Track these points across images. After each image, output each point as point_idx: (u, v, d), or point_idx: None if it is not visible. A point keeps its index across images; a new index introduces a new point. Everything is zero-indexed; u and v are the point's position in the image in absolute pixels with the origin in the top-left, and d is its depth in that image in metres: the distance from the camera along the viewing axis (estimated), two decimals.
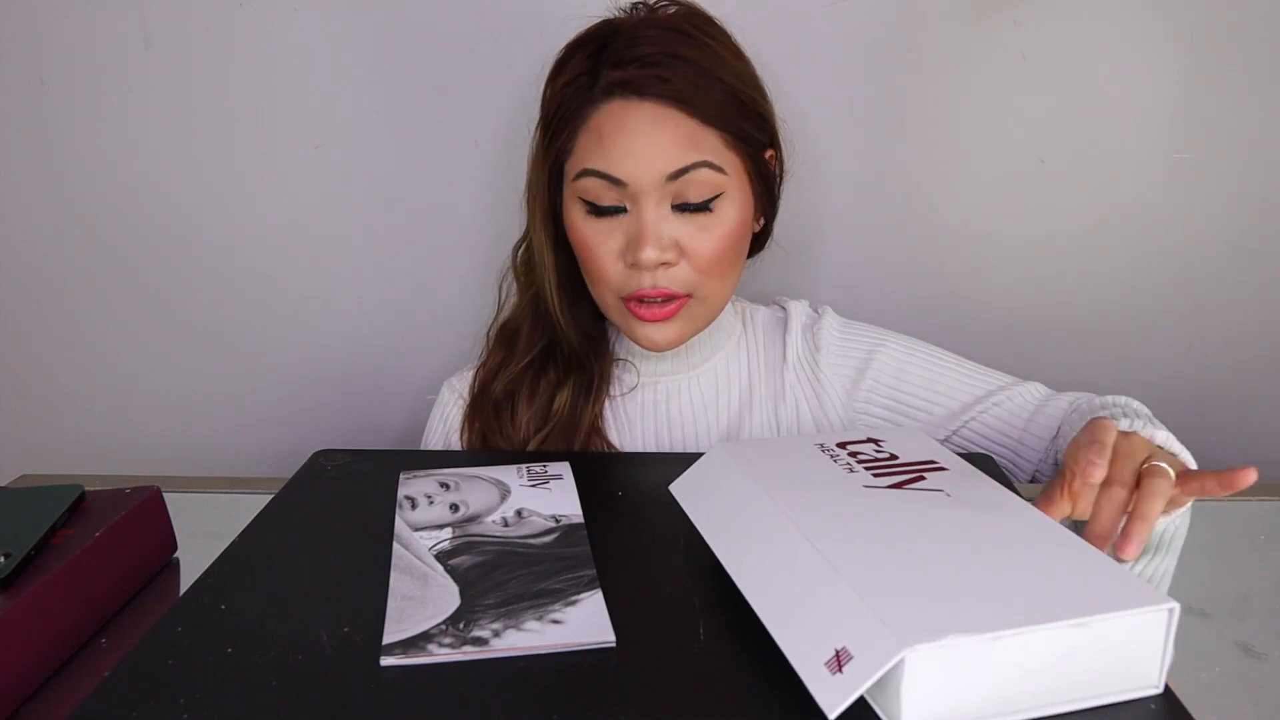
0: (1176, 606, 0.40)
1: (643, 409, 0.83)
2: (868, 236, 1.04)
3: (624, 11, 0.77)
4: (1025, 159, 1.00)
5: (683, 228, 0.73)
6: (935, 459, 0.56)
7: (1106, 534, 0.52)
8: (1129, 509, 0.53)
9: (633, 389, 0.83)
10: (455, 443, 0.85)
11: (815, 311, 0.88)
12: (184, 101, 1.00)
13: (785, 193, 0.85)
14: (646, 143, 0.71)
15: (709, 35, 0.74)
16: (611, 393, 0.83)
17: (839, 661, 0.40)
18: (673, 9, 0.77)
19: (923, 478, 0.54)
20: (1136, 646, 0.41)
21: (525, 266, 0.83)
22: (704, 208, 0.73)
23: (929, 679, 0.39)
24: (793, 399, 0.83)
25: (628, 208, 0.73)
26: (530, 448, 0.79)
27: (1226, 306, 1.04)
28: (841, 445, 0.59)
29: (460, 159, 1.02)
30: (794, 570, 0.46)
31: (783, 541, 0.48)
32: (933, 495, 0.51)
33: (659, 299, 0.74)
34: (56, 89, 1.00)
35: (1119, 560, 0.49)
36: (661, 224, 0.72)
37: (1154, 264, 1.03)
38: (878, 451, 0.58)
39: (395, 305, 1.08)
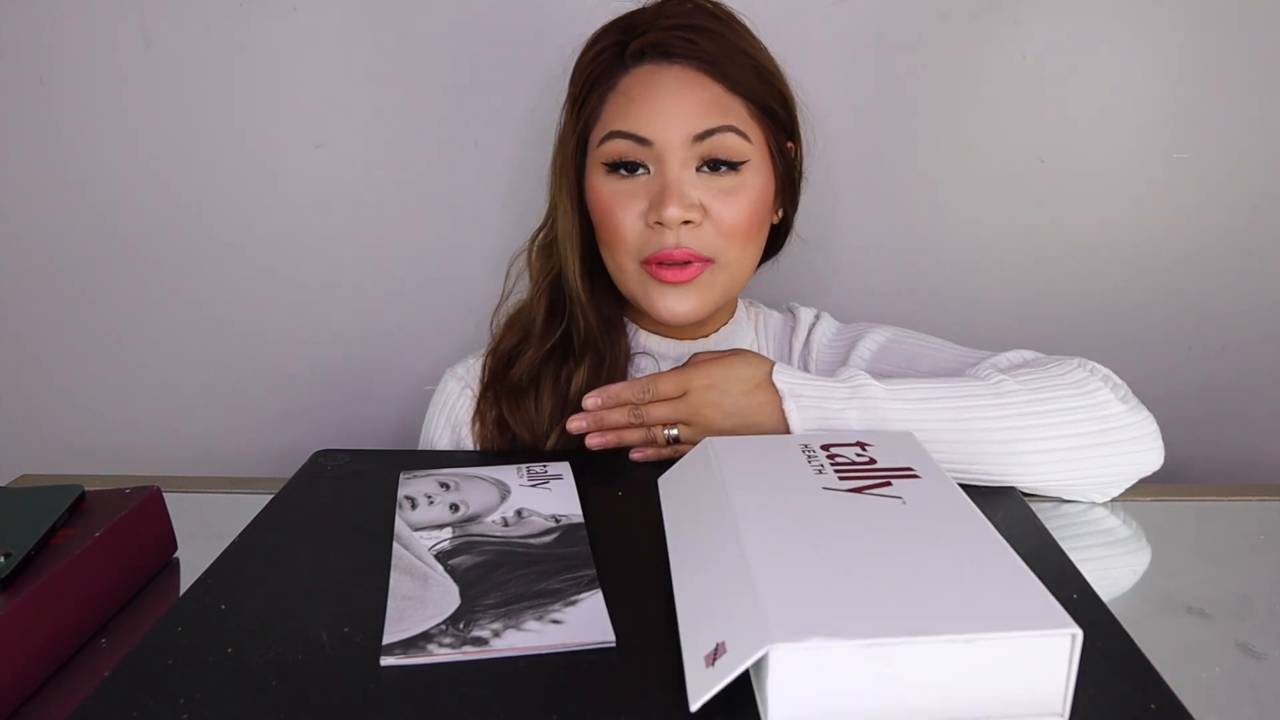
0: (1079, 633, 0.38)
1: None
2: (867, 235, 1.04)
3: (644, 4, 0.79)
4: (1025, 159, 1.00)
5: (707, 190, 0.73)
6: (913, 466, 0.55)
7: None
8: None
9: None
10: (465, 435, 0.83)
11: (817, 318, 0.88)
12: (184, 101, 1.00)
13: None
14: (674, 103, 0.72)
15: (734, 20, 0.77)
16: None
17: (715, 655, 0.40)
18: (702, 1, 0.78)
19: (889, 484, 0.53)
20: (1035, 670, 0.39)
21: (543, 252, 0.83)
22: (731, 168, 0.73)
23: (797, 680, 0.38)
24: None
25: (651, 169, 0.73)
26: (550, 441, 0.78)
27: (1226, 306, 1.04)
28: (825, 446, 0.59)
29: (460, 159, 1.02)
30: (717, 565, 0.46)
31: (719, 537, 0.48)
32: (888, 502, 0.51)
33: (681, 260, 0.73)
34: (56, 89, 1.00)
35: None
36: (686, 184, 0.72)
37: (1154, 264, 1.03)
38: (858, 455, 0.57)
39: (395, 305, 1.08)
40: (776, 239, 0.85)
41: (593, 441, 0.70)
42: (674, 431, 0.70)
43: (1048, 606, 0.40)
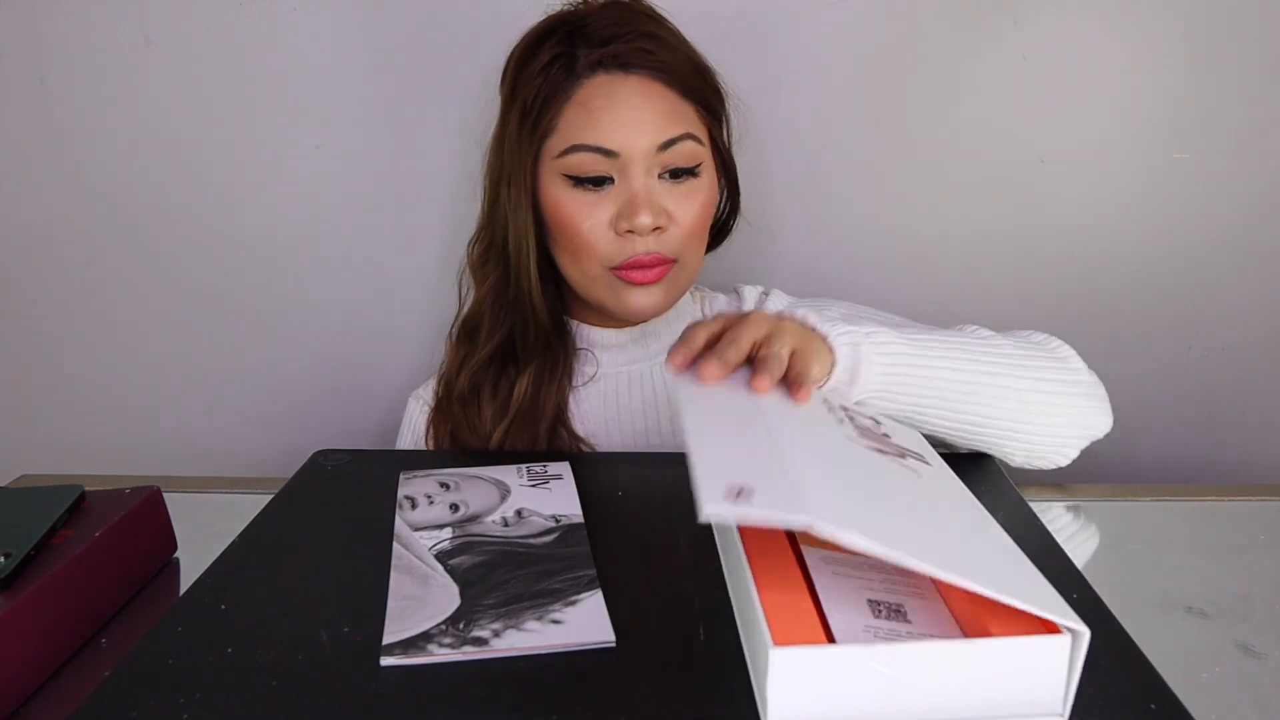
0: (1086, 633, 0.38)
1: (605, 400, 0.84)
2: (867, 237, 1.04)
3: (574, 6, 0.79)
4: (1025, 159, 1.00)
5: (669, 195, 0.75)
6: (922, 454, 0.55)
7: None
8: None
9: (592, 379, 0.84)
10: (423, 448, 0.85)
11: (765, 294, 0.88)
12: (183, 102, 1.00)
13: (786, 192, 0.85)
14: (637, 114, 0.73)
15: (664, 19, 0.78)
16: (574, 383, 0.83)
17: (738, 494, 0.39)
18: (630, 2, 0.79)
19: (903, 457, 0.53)
20: (1035, 670, 0.39)
21: (481, 260, 0.84)
22: (691, 173, 0.76)
23: (796, 681, 0.38)
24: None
25: (615, 179, 0.75)
26: (494, 440, 0.80)
27: (1226, 306, 1.04)
28: (843, 407, 0.58)
29: (460, 159, 1.01)
30: (742, 437, 0.46)
31: (747, 424, 0.47)
32: (904, 470, 0.50)
33: (650, 264, 0.75)
34: (56, 88, 1.00)
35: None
36: (653, 191, 0.74)
37: (1154, 264, 1.03)
38: (874, 424, 0.57)
39: (396, 305, 1.07)
40: (724, 225, 0.87)
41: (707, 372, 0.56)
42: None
43: (1051, 607, 0.40)
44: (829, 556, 0.48)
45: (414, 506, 0.61)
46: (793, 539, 0.49)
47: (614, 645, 0.46)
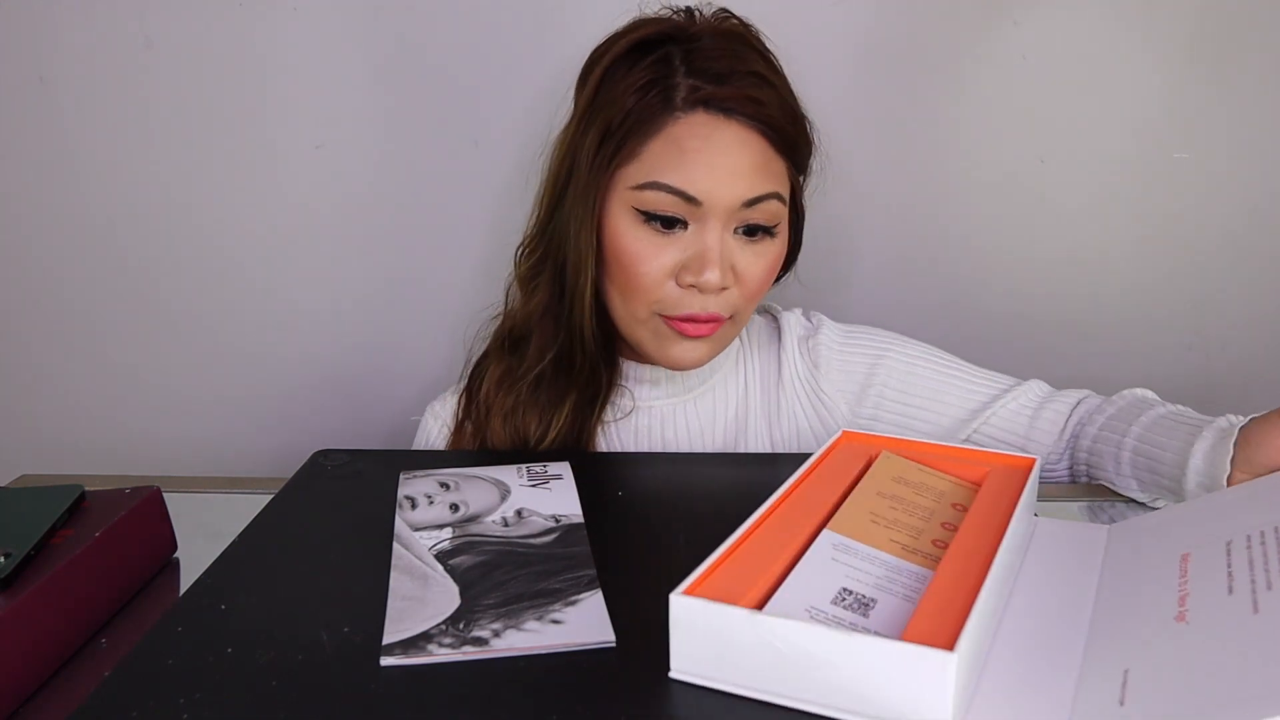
0: (954, 658, 0.37)
1: (636, 434, 0.82)
2: (864, 237, 1.04)
3: (676, 13, 0.74)
4: (1025, 159, 1.00)
5: (740, 252, 0.71)
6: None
7: None
8: None
9: (628, 414, 0.81)
10: None
11: (810, 321, 0.86)
12: (184, 102, 1.00)
13: None
14: (730, 164, 0.68)
15: (769, 54, 0.73)
16: (605, 418, 0.80)
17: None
18: (732, 20, 0.74)
19: None
20: (918, 681, 0.38)
21: (532, 273, 0.79)
22: (768, 232, 0.72)
23: (696, 632, 0.42)
24: (790, 416, 0.82)
25: (690, 226, 0.70)
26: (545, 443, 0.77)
27: (1226, 305, 1.04)
28: None
29: (460, 160, 1.02)
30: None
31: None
32: None
33: (705, 320, 0.72)
34: (56, 88, 1.00)
35: None
36: (726, 248, 0.70)
37: (1154, 263, 1.03)
38: None
39: (395, 306, 1.07)
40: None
41: None
42: None
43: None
44: (842, 544, 0.49)
45: (414, 506, 0.61)
46: (828, 518, 0.51)
47: (614, 645, 0.46)
